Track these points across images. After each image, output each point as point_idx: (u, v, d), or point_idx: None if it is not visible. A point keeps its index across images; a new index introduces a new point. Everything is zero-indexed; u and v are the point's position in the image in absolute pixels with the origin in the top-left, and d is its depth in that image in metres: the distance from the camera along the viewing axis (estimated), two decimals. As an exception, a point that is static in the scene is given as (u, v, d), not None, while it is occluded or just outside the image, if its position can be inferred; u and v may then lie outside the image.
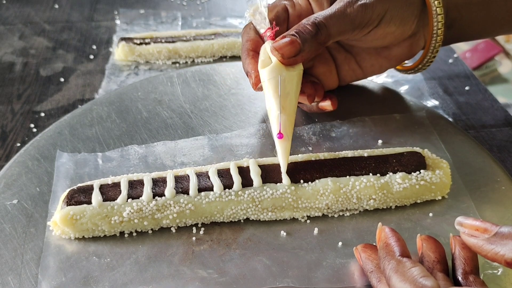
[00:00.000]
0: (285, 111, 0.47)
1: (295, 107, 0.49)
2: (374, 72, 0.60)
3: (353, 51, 0.58)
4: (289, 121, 0.47)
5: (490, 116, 0.71)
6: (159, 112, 0.61)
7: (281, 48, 0.48)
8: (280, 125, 0.47)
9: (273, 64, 0.48)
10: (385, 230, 0.40)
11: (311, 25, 0.49)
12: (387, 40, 0.55)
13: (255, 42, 0.54)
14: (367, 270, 0.40)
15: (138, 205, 0.44)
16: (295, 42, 0.48)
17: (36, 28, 0.90)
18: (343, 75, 0.60)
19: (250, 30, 0.55)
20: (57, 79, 0.76)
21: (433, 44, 0.55)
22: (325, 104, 0.56)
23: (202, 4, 0.99)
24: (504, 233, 0.34)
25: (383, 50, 0.57)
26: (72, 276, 0.42)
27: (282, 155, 0.47)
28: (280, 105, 0.47)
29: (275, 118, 0.47)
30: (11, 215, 0.47)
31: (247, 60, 0.53)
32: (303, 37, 0.48)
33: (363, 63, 0.58)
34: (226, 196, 0.46)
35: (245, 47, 0.54)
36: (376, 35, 0.53)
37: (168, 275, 0.42)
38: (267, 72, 0.48)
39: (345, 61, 0.59)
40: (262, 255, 0.44)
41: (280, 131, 0.46)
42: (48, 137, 0.56)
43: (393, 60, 0.58)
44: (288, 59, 0.48)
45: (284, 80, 0.48)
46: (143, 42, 0.79)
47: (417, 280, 0.34)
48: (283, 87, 0.47)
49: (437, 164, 0.50)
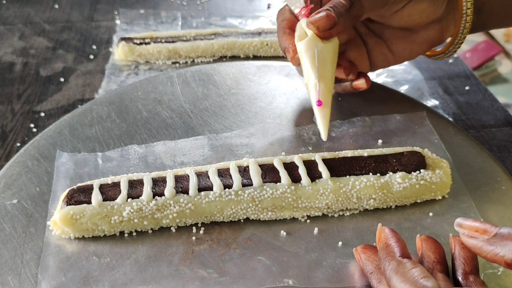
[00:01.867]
0: (322, 80, 0.48)
1: (333, 77, 0.50)
2: (405, 57, 0.60)
3: (383, 36, 0.59)
4: (327, 89, 0.49)
5: (490, 116, 0.71)
6: (159, 112, 0.61)
7: (316, 22, 0.50)
8: (319, 93, 0.48)
9: (309, 36, 0.50)
10: (385, 230, 0.40)
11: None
12: (418, 18, 0.55)
13: (291, 21, 0.57)
14: (367, 271, 0.40)
15: (138, 204, 0.44)
16: (330, 15, 0.50)
17: (36, 28, 0.90)
18: (375, 60, 0.60)
19: (285, 11, 0.58)
20: (57, 79, 0.76)
21: (462, 25, 0.55)
22: (359, 82, 0.58)
23: (202, 4, 0.99)
24: (503, 234, 0.34)
25: (413, 34, 0.57)
26: (72, 276, 0.42)
27: (322, 122, 0.48)
28: (318, 74, 0.48)
29: (313, 87, 0.49)
30: (11, 215, 0.47)
31: (283, 37, 0.56)
32: (337, 11, 0.50)
33: (394, 48, 0.59)
34: (226, 195, 0.46)
35: (281, 26, 0.57)
36: (408, 12, 0.54)
37: (168, 274, 0.42)
38: (304, 44, 0.50)
39: (376, 45, 0.59)
40: (262, 254, 0.44)
41: (319, 98, 0.48)
42: (48, 137, 0.56)
43: (424, 44, 0.58)
44: (324, 31, 0.50)
45: (320, 51, 0.49)
46: (143, 42, 0.79)
47: (417, 281, 0.34)
48: (320, 57, 0.49)
49: (437, 163, 0.50)
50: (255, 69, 0.70)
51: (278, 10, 0.59)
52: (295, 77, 0.68)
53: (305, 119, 0.60)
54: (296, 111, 0.62)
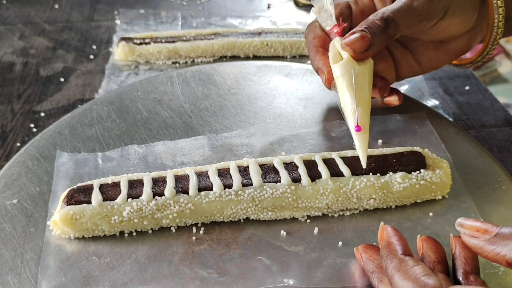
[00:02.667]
0: (360, 103, 0.48)
1: (370, 100, 0.49)
2: (432, 67, 0.59)
3: (410, 46, 0.59)
4: (365, 113, 0.48)
5: (490, 116, 0.71)
6: (159, 112, 0.61)
7: (352, 44, 0.49)
8: (357, 117, 0.47)
9: (345, 59, 0.49)
10: (387, 229, 0.40)
11: (380, 20, 0.50)
12: (450, 33, 0.55)
13: (323, 39, 0.56)
14: (368, 270, 0.40)
15: (138, 204, 0.44)
16: (366, 37, 0.49)
17: (36, 28, 0.90)
18: (401, 70, 0.59)
19: (316, 28, 0.57)
20: (57, 79, 0.76)
21: (494, 36, 0.55)
22: (392, 99, 0.57)
23: (202, 4, 0.99)
24: (505, 234, 0.34)
25: (442, 44, 0.57)
26: (72, 276, 0.42)
27: (361, 147, 0.46)
28: (355, 98, 0.47)
29: (351, 111, 0.48)
30: (11, 215, 0.47)
31: (317, 57, 0.54)
32: (373, 32, 0.49)
33: (421, 58, 0.58)
34: (226, 195, 0.46)
35: (312, 45, 0.56)
36: (441, 28, 0.54)
37: (168, 274, 0.42)
38: (340, 67, 0.49)
39: (403, 56, 0.59)
40: (262, 254, 0.44)
41: (358, 123, 0.47)
42: (48, 137, 0.56)
43: (451, 54, 0.58)
44: (360, 54, 0.49)
45: (357, 74, 0.49)
46: (143, 42, 0.79)
47: (419, 279, 0.33)
48: (357, 80, 0.48)
49: (437, 163, 0.50)
50: (255, 69, 0.70)
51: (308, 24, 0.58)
52: (295, 77, 0.68)
53: (305, 119, 0.60)
54: (296, 111, 0.62)
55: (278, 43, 0.79)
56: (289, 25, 0.92)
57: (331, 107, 0.63)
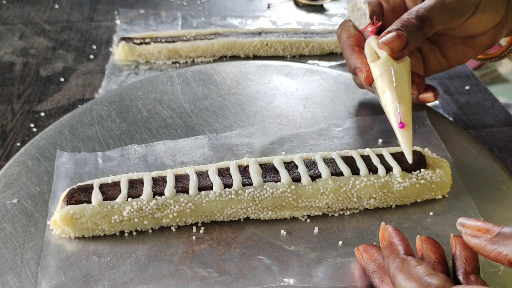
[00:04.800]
0: (402, 101, 0.48)
1: (410, 97, 0.50)
2: (459, 61, 0.60)
3: (438, 42, 0.59)
4: (407, 110, 0.48)
5: (490, 116, 0.71)
6: (159, 112, 0.61)
7: (389, 43, 0.49)
8: (400, 115, 0.47)
9: (383, 58, 0.50)
10: (389, 229, 0.40)
11: (415, 18, 0.50)
12: (480, 28, 0.55)
13: (357, 38, 0.56)
14: (369, 270, 0.40)
15: (138, 204, 0.44)
16: (402, 35, 0.49)
17: (36, 28, 0.90)
18: (428, 66, 0.60)
19: (349, 27, 0.57)
20: (57, 79, 0.76)
21: None
22: (427, 95, 0.57)
23: (202, 4, 0.99)
24: (506, 233, 0.34)
25: (469, 39, 0.58)
26: (72, 275, 0.42)
27: (405, 144, 0.47)
28: (396, 96, 0.48)
29: (393, 109, 0.48)
30: (11, 215, 0.47)
31: (353, 56, 0.54)
32: (409, 30, 0.50)
33: (448, 53, 0.59)
34: (226, 195, 0.45)
35: (347, 44, 0.56)
36: (472, 23, 0.54)
37: (168, 274, 0.42)
38: (379, 66, 0.50)
39: (431, 52, 0.59)
40: (262, 254, 0.44)
41: (401, 120, 0.47)
42: (48, 136, 0.56)
43: (478, 48, 0.58)
44: (397, 52, 0.50)
45: (396, 72, 0.49)
46: (143, 42, 0.79)
47: (422, 278, 0.33)
48: (397, 78, 0.49)
49: (437, 163, 0.50)
50: (255, 69, 0.70)
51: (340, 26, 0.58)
52: (295, 77, 0.68)
53: (305, 119, 0.60)
54: (296, 111, 0.62)
55: (278, 43, 0.79)
56: (289, 25, 0.92)
57: (331, 107, 0.62)
